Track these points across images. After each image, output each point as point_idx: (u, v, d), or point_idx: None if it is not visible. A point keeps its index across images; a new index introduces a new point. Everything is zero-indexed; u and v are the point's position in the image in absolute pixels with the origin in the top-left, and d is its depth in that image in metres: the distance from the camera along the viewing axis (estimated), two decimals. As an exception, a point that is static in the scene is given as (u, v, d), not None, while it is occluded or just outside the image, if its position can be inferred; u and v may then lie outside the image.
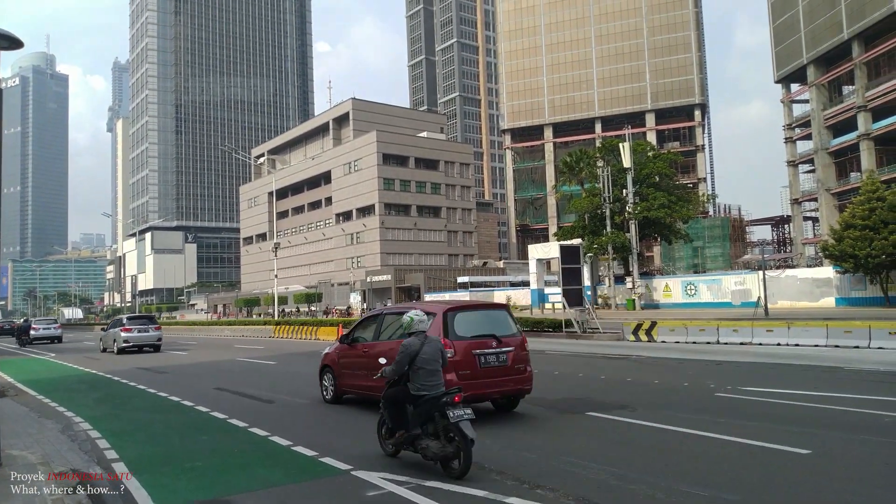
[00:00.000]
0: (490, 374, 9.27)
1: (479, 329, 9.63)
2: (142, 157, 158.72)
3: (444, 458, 6.51)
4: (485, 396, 9.49)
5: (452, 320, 9.42)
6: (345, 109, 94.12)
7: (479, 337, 9.42)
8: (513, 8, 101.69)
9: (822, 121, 64.79)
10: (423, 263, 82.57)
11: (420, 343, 7.04)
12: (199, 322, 67.80)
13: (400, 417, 7.10)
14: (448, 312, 9.48)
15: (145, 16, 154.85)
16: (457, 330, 9.33)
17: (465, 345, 9.19)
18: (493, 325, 9.86)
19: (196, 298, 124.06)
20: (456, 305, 9.93)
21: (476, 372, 9.13)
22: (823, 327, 18.71)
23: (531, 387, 9.91)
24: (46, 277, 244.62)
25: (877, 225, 33.40)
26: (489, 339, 9.41)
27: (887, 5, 54.93)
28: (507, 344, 9.50)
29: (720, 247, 72.86)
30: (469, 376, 8.97)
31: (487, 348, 9.31)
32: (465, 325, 9.52)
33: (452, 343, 9.06)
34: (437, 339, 7.65)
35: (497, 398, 9.81)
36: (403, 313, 8.12)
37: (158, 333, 28.00)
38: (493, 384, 9.33)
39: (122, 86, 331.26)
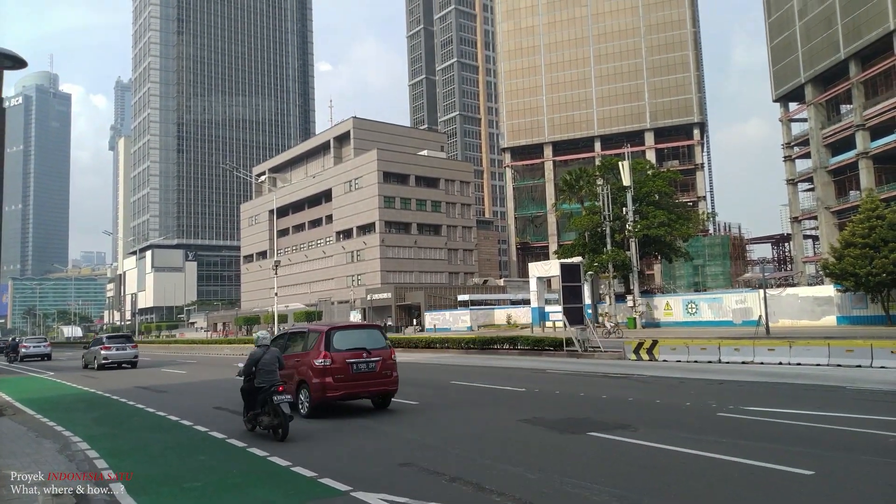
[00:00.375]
0: (361, 378, 12.16)
1: (354, 343, 12.39)
2: (143, 176, 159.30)
3: (272, 427, 9.93)
4: (358, 395, 12.45)
5: (332, 337, 12.24)
6: (346, 128, 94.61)
7: (353, 350, 12.20)
8: (512, 28, 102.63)
9: (820, 139, 65.07)
10: (423, 281, 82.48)
11: (262, 353, 10.44)
12: (199, 340, 67.63)
13: (251, 402, 10.49)
14: (329, 331, 12.38)
15: (148, 35, 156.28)
16: (335, 344, 12.14)
17: (341, 355, 11.99)
18: (366, 340, 12.68)
19: (196, 316, 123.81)
20: (337, 326, 13.03)
21: (349, 376, 12.00)
22: (825, 346, 18.65)
23: (396, 388, 12.81)
24: (46, 295, 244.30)
25: (877, 243, 33.40)
26: (361, 351, 12.23)
27: (883, 25, 55.43)
28: (377, 355, 12.35)
29: (721, 265, 72.80)
30: (343, 379, 11.93)
31: (359, 358, 12.15)
32: (342, 340, 12.33)
33: (331, 354, 11.92)
34: (276, 350, 10.92)
35: (368, 397, 12.74)
36: (302, 332, 13.09)
37: (135, 351, 30.48)
38: (364, 386, 12.29)
39: (124, 105, 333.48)
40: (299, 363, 12.47)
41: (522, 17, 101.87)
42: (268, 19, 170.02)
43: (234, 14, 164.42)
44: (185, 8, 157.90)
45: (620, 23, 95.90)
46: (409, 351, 33.05)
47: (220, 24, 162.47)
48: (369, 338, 12.84)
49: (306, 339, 12.88)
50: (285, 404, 9.86)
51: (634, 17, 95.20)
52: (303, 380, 12.28)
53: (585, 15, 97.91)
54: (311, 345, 12.53)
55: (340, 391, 11.92)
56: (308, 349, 12.49)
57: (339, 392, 11.93)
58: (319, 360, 11.89)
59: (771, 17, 71.37)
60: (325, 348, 12.03)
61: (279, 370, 10.52)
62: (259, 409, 10.25)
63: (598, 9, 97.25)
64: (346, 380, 11.99)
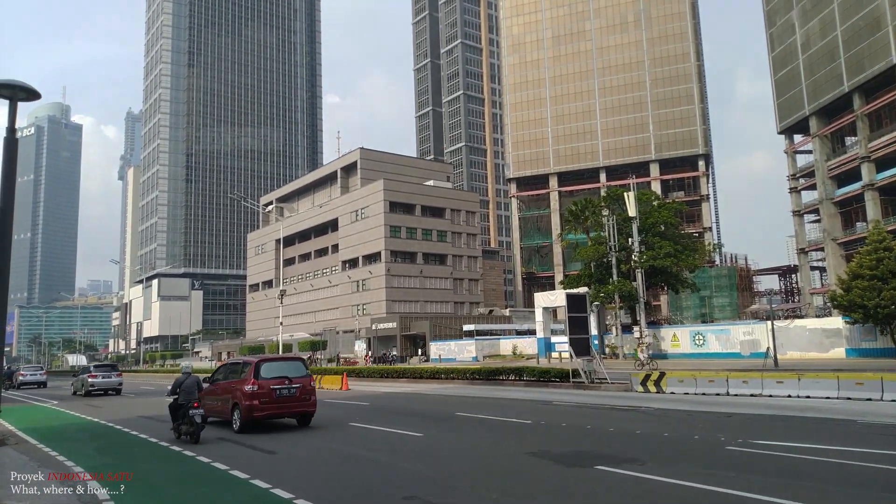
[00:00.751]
0: (283, 401, 15.03)
1: (278, 373, 15.24)
2: (151, 205, 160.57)
3: (189, 433, 13.21)
4: (281, 415, 15.35)
5: (260, 367, 15.16)
6: (353, 158, 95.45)
7: (277, 378, 15.05)
8: (518, 62, 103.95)
9: (825, 171, 65.16)
10: (428, 311, 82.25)
11: (185, 378, 14.00)
12: (203, 370, 67.30)
13: (175, 415, 13.84)
14: (258, 363, 15.36)
15: (159, 68, 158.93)
16: (262, 374, 14.98)
17: (267, 383, 14.85)
18: (289, 370, 15.54)
19: (201, 346, 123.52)
20: (265, 358, 16.09)
21: (273, 399, 14.83)
22: (834, 379, 18.44)
23: (314, 409, 15.73)
24: (52, 324, 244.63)
25: (885, 275, 33.20)
26: (284, 379, 15.09)
27: (885, 59, 55.88)
28: (298, 382, 15.25)
29: (727, 296, 72.45)
30: (268, 402, 14.77)
31: (282, 385, 14.98)
32: (269, 370, 15.25)
33: (259, 382, 14.79)
34: (196, 376, 14.34)
35: (290, 417, 15.69)
36: (239, 363, 16.47)
37: (119, 379, 33.14)
38: (286, 407, 15.18)
39: (134, 135, 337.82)
40: (234, 388, 15.27)
41: (528, 51, 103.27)
42: (277, 53, 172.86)
43: (244, 47, 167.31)
44: (197, 41, 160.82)
45: (624, 56, 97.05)
46: (413, 381, 32.83)
47: (231, 56, 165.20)
48: (292, 368, 15.79)
49: (241, 369, 15.77)
50: (198, 416, 13.22)
51: (638, 50, 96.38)
52: (236, 402, 15.00)
53: (590, 49, 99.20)
54: (243, 374, 15.36)
55: (266, 411, 14.85)
56: (241, 377, 15.33)
57: (264, 412, 14.82)
58: (248, 386, 14.76)
59: (774, 51, 72.10)
60: (253, 377, 14.88)
61: (198, 392, 13.91)
62: (181, 420, 13.59)
63: (602, 43, 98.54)
64: (271, 402, 14.81)
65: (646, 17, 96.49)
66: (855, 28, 59.44)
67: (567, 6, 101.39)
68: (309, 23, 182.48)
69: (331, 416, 18.60)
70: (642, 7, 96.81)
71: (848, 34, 60.32)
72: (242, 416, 14.69)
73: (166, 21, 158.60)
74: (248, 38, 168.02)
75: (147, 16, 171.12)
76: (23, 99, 12.31)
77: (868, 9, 57.76)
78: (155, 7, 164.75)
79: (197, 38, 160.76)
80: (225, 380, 16.33)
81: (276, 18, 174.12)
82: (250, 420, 14.76)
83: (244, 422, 14.70)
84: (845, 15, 60.66)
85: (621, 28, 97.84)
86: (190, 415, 13.23)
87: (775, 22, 71.71)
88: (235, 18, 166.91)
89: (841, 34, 61.16)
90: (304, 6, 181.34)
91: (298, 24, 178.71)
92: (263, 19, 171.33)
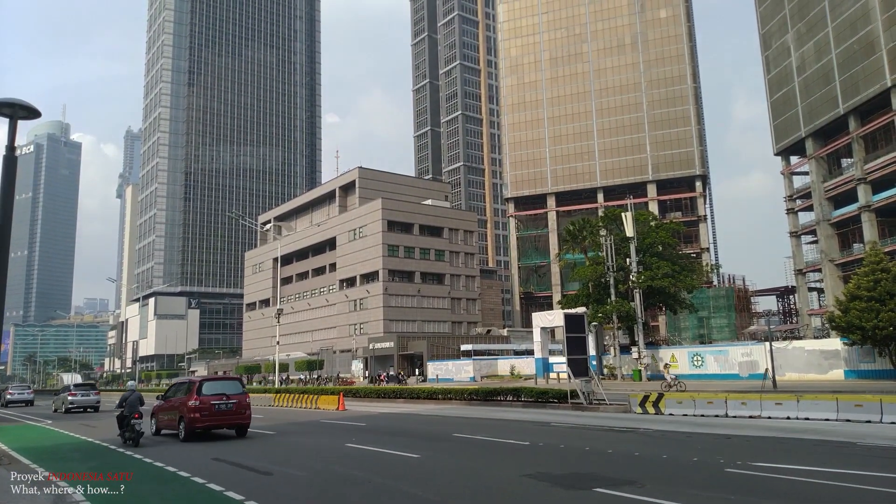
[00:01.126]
0: (221, 414, 17.66)
1: (217, 390, 18.07)
2: (149, 223, 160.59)
3: (131, 438, 16.24)
4: (220, 426, 17.90)
5: (202, 385, 18.08)
6: (351, 178, 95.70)
7: (217, 394, 17.83)
8: (516, 83, 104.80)
9: (822, 192, 65.45)
10: (426, 331, 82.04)
11: (129, 394, 16.99)
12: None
13: (121, 424, 16.87)
14: (200, 382, 18.31)
15: (159, 87, 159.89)
16: (204, 391, 17.80)
17: (207, 398, 17.54)
18: (227, 388, 18.39)
19: (197, 365, 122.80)
20: (206, 378, 19.53)
21: (213, 413, 17.50)
22: (833, 400, 18.36)
23: (249, 422, 18.45)
24: (48, 342, 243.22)
25: (882, 296, 33.20)
26: (222, 396, 17.84)
27: (880, 82, 56.42)
28: (234, 398, 17.95)
29: (726, 317, 72.38)
30: (208, 415, 17.41)
31: (220, 400, 17.66)
32: (209, 388, 18.06)
33: (200, 398, 17.47)
34: (139, 393, 17.39)
35: (228, 427, 18.17)
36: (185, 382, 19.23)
37: (97, 398, 35.70)
38: (224, 420, 17.83)
39: (133, 153, 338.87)
40: (181, 404, 17.98)
41: (525, 73, 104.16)
42: (277, 73, 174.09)
43: (244, 67, 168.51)
44: (197, 61, 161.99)
45: (621, 78, 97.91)
46: (411, 402, 32.62)
47: (231, 76, 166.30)
48: (230, 386, 18.65)
49: (187, 388, 18.50)
50: (139, 424, 16.65)
51: (635, 72, 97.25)
52: (181, 415, 17.66)
53: (587, 70, 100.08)
54: (188, 391, 18.13)
55: (205, 423, 17.48)
56: (187, 394, 18.03)
57: (204, 423, 17.45)
58: (191, 401, 17.49)
59: (770, 74, 72.79)
60: (196, 394, 17.63)
61: (140, 405, 16.99)
62: (126, 428, 16.80)
63: (599, 65, 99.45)
64: (210, 415, 17.46)
65: (642, 39, 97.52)
66: (849, 51, 60.09)
67: (564, 29, 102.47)
68: (309, 43, 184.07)
69: (326, 437, 18.46)
70: (639, 30, 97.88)
71: (843, 57, 60.95)
72: (186, 426, 17.33)
73: (167, 41, 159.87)
74: (249, 57, 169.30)
75: (148, 35, 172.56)
76: (23, 117, 12.35)
77: (862, 32, 58.44)
78: (156, 27, 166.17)
79: (197, 58, 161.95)
80: (174, 396, 19.17)
81: (277, 39, 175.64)
82: (193, 430, 17.35)
83: (188, 432, 17.31)
84: (839, 38, 61.35)
85: (618, 50, 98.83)
86: (131, 424, 16.58)
87: (771, 45, 72.48)
88: (236, 38, 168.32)
89: (836, 57, 61.80)
90: (305, 27, 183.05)
91: (298, 44, 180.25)
92: (264, 39, 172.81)
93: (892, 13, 55.01)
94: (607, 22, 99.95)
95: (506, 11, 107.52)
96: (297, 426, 22.25)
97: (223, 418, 17.71)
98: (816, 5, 64.45)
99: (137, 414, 16.62)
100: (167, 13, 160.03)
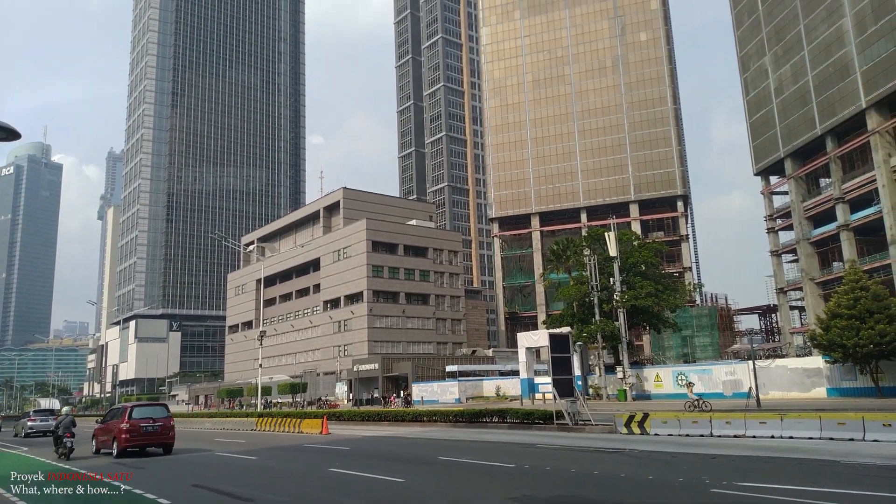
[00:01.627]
0: (149, 435, 20.81)
1: (145, 415, 21.27)
2: (131, 245, 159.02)
3: (64, 454, 19.94)
4: (148, 445, 20.98)
5: (132, 411, 21.25)
6: (336, 198, 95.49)
7: (144, 418, 20.98)
8: (499, 105, 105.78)
9: (802, 212, 66.37)
10: (411, 352, 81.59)
11: (64, 417, 21.09)
12: (179, 414, 65.68)
13: (56, 442, 20.72)
14: (131, 408, 21.60)
15: (143, 108, 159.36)
16: (133, 415, 20.90)
17: (136, 422, 20.67)
18: (154, 413, 21.73)
19: (178, 389, 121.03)
20: (136, 404, 22.81)
21: (141, 434, 20.64)
22: (817, 419, 18.44)
23: (173, 441, 21.45)
24: (25, 366, 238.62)
25: (862, 314, 33.56)
26: (149, 419, 21.00)
27: (855, 104, 57.58)
28: (160, 421, 21.12)
29: (709, 336, 72.76)
30: (137, 436, 20.51)
31: (148, 423, 20.84)
32: (138, 413, 21.28)
33: (130, 421, 20.53)
34: (72, 416, 21.21)
35: (154, 447, 21.18)
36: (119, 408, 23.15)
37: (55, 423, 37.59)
38: (151, 440, 20.93)
39: (115, 175, 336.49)
40: (114, 426, 21.18)
41: (509, 95, 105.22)
42: (262, 94, 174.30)
43: (228, 88, 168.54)
44: (181, 82, 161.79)
45: (603, 100, 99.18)
46: (395, 425, 32.31)
47: (215, 97, 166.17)
48: (157, 411, 22.07)
49: (120, 413, 21.86)
50: (70, 441, 19.96)
51: (616, 94, 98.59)
52: (114, 436, 20.85)
53: (569, 92, 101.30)
54: (120, 416, 21.45)
55: (134, 442, 20.61)
56: (119, 418, 21.32)
57: (133, 443, 20.57)
58: (123, 424, 20.66)
59: (749, 95, 74.08)
60: (127, 418, 20.79)
61: (73, 427, 20.36)
62: (59, 445, 20.35)
63: (581, 87, 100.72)
64: (139, 436, 20.64)
65: (623, 62, 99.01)
66: (825, 74, 61.36)
67: (547, 52, 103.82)
68: (293, 65, 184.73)
69: (310, 462, 18.19)
70: (620, 53, 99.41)
71: (819, 79, 62.22)
72: (119, 445, 20.46)
73: (150, 62, 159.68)
74: (233, 79, 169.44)
75: (132, 56, 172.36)
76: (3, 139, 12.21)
77: (837, 55, 59.75)
78: (140, 48, 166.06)
79: (181, 79, 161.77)
80: (111, 420, 22.47)
81: (261, 60, 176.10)
82: (124, 448, 20.50)
83: (119, 450, 20.47)
84: (815, 61, 62.66)
85: (600, 73, 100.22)
86: (64, 441, 20.12)
87: (749, 67, 73.87)
88: (220, 60, 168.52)
89: (812, 79, 63.07)
90: (289, 49, 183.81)
91: (283, 66, 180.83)
92: (248, 61, 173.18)
93: (865, 37, 56.35)
94: (588, 45, 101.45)
95: (489, 34, 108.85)
96: (280, 451, 21.94)
97: (150, 438, 20.89)
98: (792, 29, 65.90)
99: (69, 434, 20.08)
100: (151, 35, 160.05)
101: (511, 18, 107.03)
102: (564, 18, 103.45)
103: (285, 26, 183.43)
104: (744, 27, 74.75)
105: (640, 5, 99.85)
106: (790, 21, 66.19)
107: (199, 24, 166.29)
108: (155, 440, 20.93)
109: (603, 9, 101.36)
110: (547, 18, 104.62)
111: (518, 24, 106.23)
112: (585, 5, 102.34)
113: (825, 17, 61.25)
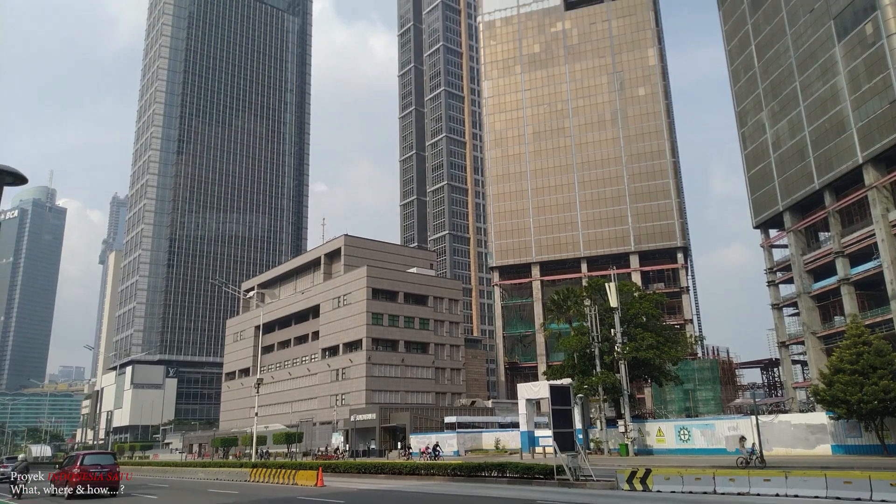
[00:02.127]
0: (99, 478, 25.14)
1: (95, 462, 26.16)
2: (131, 290, 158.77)
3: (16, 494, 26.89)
4: (97, 485, 24.91)
5: (84, 458, 26.35)
6: (337, 245, 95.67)
7: (94, 464, 25.70)
8: (500, 155, 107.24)
9: (802, 265, 66.41)
10: (409, 402, 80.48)
11: (20, 464, 35.46)
12: (173, 463, 64.49)
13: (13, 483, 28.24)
14: (83, 455, 26.97)
15: (148, 154, 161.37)
16: (84, 462, 25.77)
17: (86, 468, 25.24)
18: (102, 460, 26.88)
19: (172, 436, 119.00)
20: (87, 453, 28.79)
21: (91, 477, 24.96)
22: (822, 477, 18.10)
23: (118, 483, 25.93)
24: (18, 411, 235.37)
25: (865, 370, 33.24)
26: (97, 465, 25.71)
27: (852, 159, 58.28)
28: (107, 467, 25.90)
29: (711, 389, 71.96)
30: (89, 479, 24.82)
31: (97, 468, 25.46)
32: (89, 460, 26.25)
33: (80, 467, 25.23)
34: (27, 462, 38.69)
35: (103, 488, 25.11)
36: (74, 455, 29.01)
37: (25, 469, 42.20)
38: (100, 482, 25.12)
39: (118, 219, 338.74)
40: (68, 471, 25.48)
41: (510, 146, 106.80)
42: (266, 142, 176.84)
43: (233, 136, 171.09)
44: (187, 129, 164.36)
45: (602, 152, 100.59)
46: (392, 478, 31.67)
47: (220, 144, 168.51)
48: (105, 459, 27.24)
49: (74, 460, 26.46)
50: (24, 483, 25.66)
51: (616, 147, 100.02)
52: (68, 479, 24.88)
53: (569, 144, 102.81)
54: (74, 462, 26.10)
55: (84, 482, 24.55)
56: (72, 464, 25.88)
57: (83, 482, 24.53)
58: (75, 469, 25.17)
59: (747, 149, 75.09)
60: (79, 464, 25.45)
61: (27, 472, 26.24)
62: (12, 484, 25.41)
63: (581, 139, 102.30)
64: (91, 479, 24.80)
65: (622, 116, 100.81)
66: (822, 129, 62.31)
67: (547, 105, 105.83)
68: (299, 114, 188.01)
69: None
70: (619, 106, 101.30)
71: (815, 135, 63.13)
72: (69, 487, 24.69)
73: (158, 110, 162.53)
74: (239, 127, 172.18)
75: (140, 104, 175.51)
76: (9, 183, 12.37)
77: (832, 112, 60.81)
78: (148, 96, 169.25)
79: (187, 126, 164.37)
80: (68, 465, 26.69)
81: (267, 110, 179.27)
82: (75, 490, 24.52)
83: (70, 492, 24.61)
84: (812, 117, 63.72)
85: (599, 126, 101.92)
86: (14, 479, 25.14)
87: (746, 122, 75.11)
88: (226, 108, 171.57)
89: (809, 134, 64.01)
90: (295, 98, 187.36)
91: (288, 115, 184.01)
92: (254, 110, 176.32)
93: (859, 94, 57.45)
94: (588, 99, 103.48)
95: (490, 87, 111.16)
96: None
97: (101, 481, 25.16)
98: (788, 85, 67.24)
99: (22, 476, 26.12)
100: (160, 83, 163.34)
101: (512, 73, 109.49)
102: (564, 73, 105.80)
103: (292, 77, 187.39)
104: (741, 83, 76.32)
105: (639, 61, 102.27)
106: (786, 78, 67.61)
107: (207, 73, 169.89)
108: (102, 481, 25.30)
109: (602, 64, 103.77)
110: (547, 73, 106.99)
111: (519, 77, 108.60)
112: (585, 61, 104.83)
113: (820, 74, 62.60)
